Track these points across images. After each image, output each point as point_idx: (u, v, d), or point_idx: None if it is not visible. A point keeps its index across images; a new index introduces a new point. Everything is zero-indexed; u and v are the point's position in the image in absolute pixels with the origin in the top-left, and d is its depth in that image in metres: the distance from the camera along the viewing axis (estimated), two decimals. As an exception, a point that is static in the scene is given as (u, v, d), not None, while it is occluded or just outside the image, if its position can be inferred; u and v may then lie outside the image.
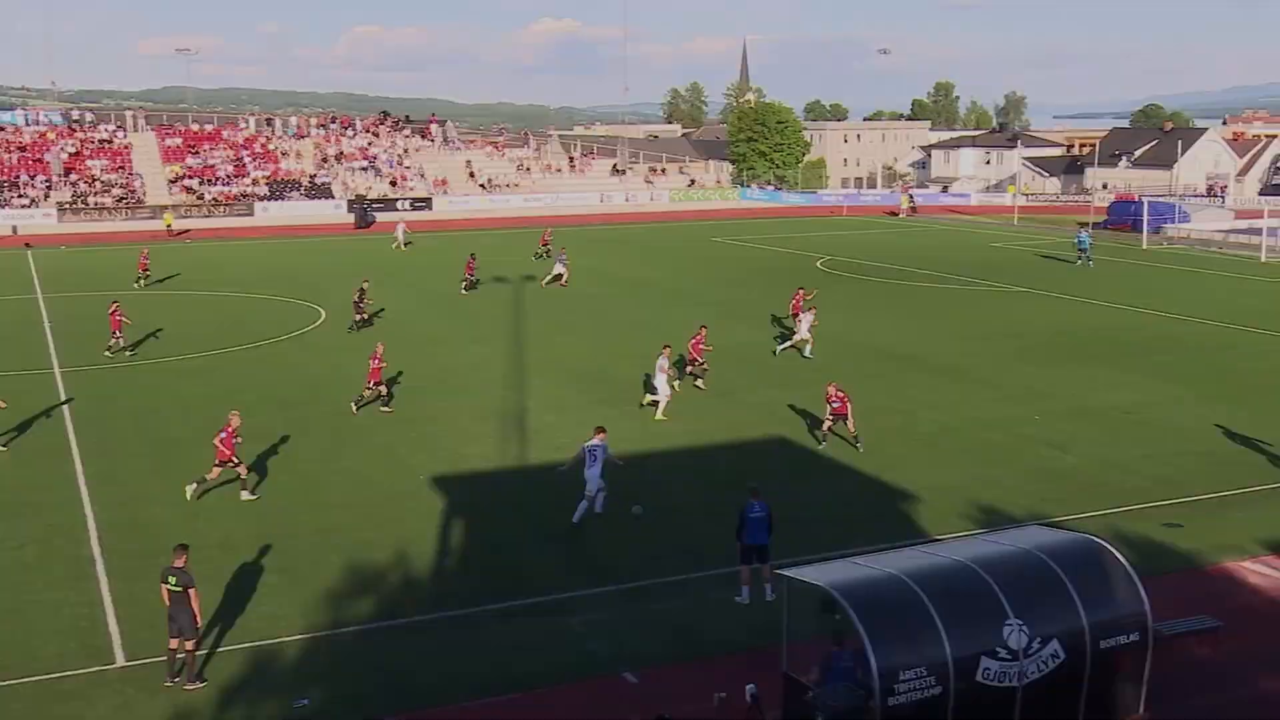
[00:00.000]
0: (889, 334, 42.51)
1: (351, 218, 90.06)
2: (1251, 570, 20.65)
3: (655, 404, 30.93)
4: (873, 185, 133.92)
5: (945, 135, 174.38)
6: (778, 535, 19.92)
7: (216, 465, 24.56)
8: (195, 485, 24.60)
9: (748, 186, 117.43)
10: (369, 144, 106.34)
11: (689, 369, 34.05)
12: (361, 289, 44.15)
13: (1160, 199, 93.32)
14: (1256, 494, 24.72)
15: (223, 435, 24.56)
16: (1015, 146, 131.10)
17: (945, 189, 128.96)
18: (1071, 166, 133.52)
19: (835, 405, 27.65)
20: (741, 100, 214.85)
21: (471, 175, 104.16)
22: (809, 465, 26.83)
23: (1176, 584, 19.84)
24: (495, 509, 23.99)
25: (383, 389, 31.51)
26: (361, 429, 29.83)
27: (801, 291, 42.43)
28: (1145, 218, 77.53)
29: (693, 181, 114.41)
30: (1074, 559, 15.45)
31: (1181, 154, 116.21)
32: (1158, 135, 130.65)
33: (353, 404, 31.26)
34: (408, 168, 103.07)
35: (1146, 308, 48.48)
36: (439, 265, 62.63)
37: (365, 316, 43.57)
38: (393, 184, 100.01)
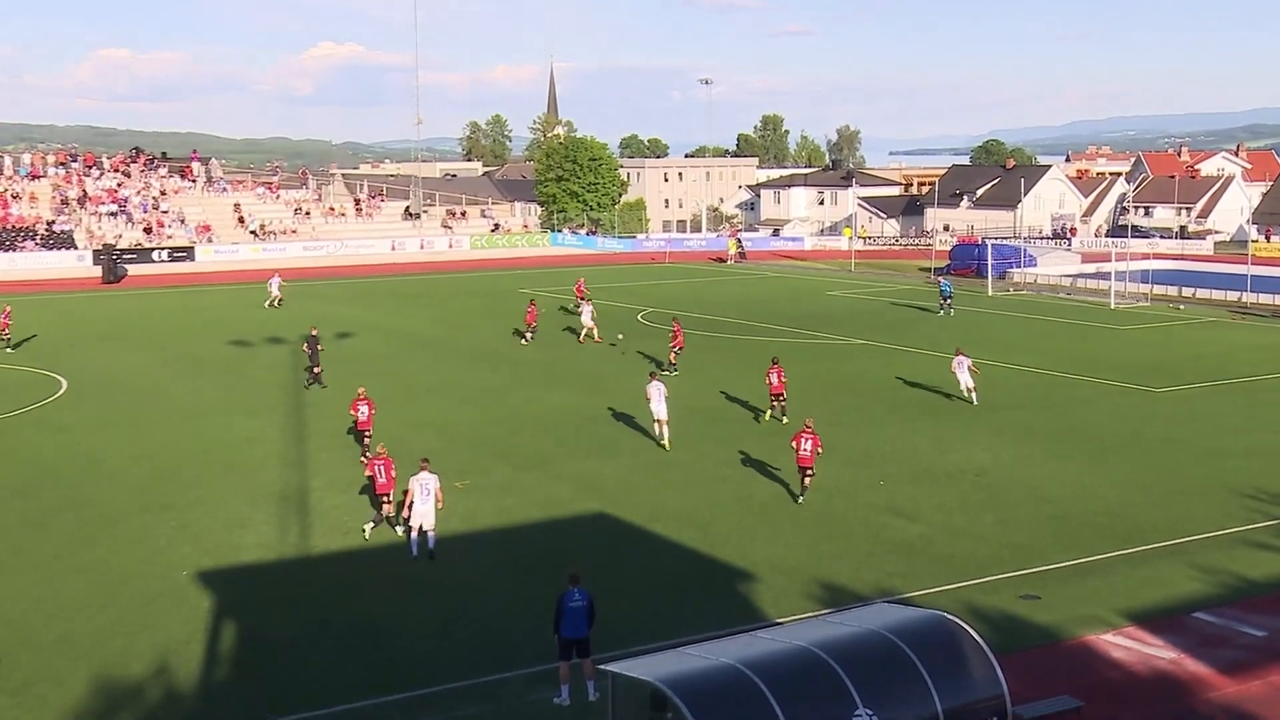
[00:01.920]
0: (716, 394, 43.20)
1: (99, 270, 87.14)
2: (1113, 643, 21.49)
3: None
4: (697, 229, 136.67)
5: (775, 173, 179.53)
6: (600, 625, 19.84)
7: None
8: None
9: (559, 231, 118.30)
10: (118, 185, 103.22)
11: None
12: (311, 337, 44.75)
13: (1005, 241, 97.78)
14: (1114, 560, 25.80)
15: None
16: (850, 185, 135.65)
17: (776, 232, 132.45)
18: (911, 207, 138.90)
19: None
20: (550, 135, 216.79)
21: (241, 221, 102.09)
22: (633, 544, 26.88)
23: (1035, 661, 20.49)
24: (273, 606, 23.27)
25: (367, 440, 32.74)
26: (111, 518, 28.66)
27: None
28: (990, 262, 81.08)
29: (497, 226, 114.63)
30: (926, 639, 15.80)
31: (1025, 193, 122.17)
32: (999, 173, 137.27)
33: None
34: (165, 212, 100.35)
35: (993, 359, 50.44)
36: (201, 324, 61.02)
37: (318, 370, 44.13)
38: (147, 231, 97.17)
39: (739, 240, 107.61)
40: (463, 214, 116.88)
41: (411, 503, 25.72)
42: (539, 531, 27.78)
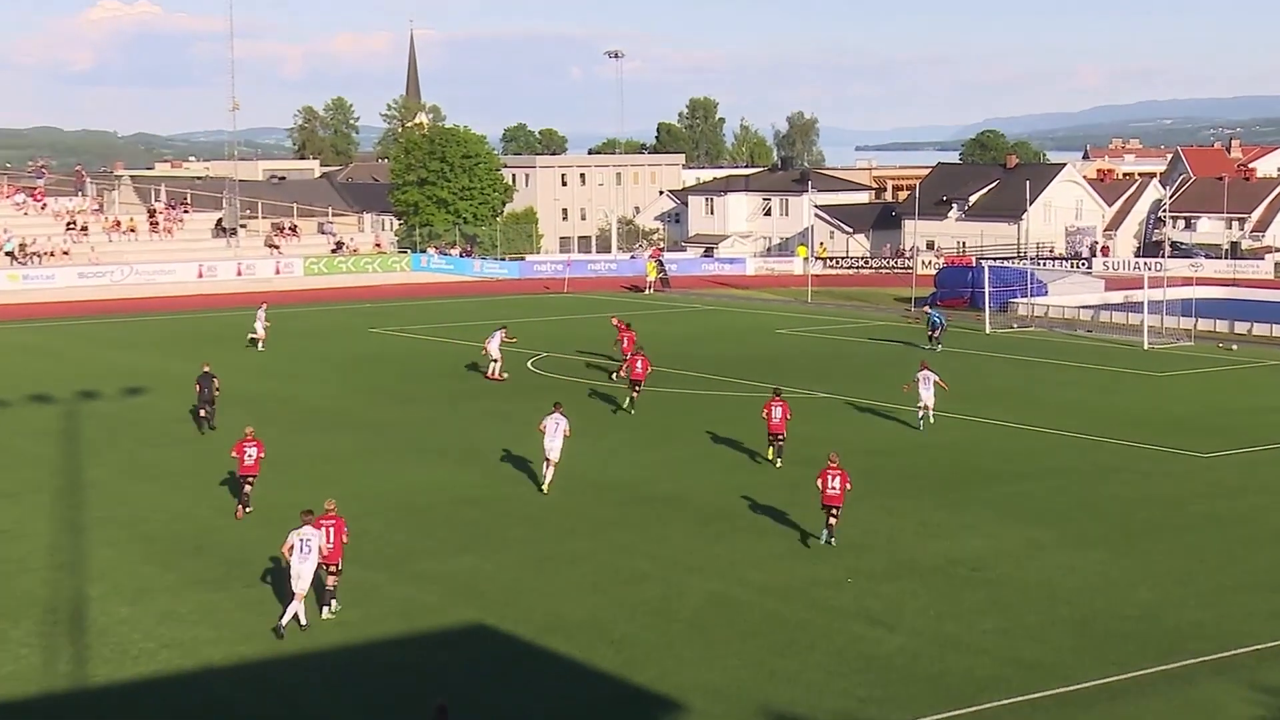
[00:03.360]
0: (632, 464, 43.26)
1: None
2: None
3: None
4: (605, 248, 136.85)
5: (707, 175, 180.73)
6: (478, 774, 19.70)
7: None
8: None
9: (422, 251, 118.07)
10: None
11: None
12: (205, 374, 48.73)
13: (1006, 263, 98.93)
14: (1152, 678, 26.03)
15: None
16: (805, 190, 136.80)
17: (709, 252, 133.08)
18: (884, 218, 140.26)
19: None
20: (410, 124, 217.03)
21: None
22: (521, 665, 26.75)
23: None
24: (36, 758, 22.83)
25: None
26: None
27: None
28: (987, 290, 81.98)
29: (340, 244, 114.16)
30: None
31: (1031, 200, 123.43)
32: (998, 174, 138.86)
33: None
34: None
35: (994, 417, 50.89)
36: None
37: (209, 411, 48.66)
38: None
39: (660, 263, 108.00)
40: (294, 229, 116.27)
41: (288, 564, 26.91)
42: (396, 651, 27.55)
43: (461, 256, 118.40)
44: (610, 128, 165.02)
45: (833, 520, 34.05)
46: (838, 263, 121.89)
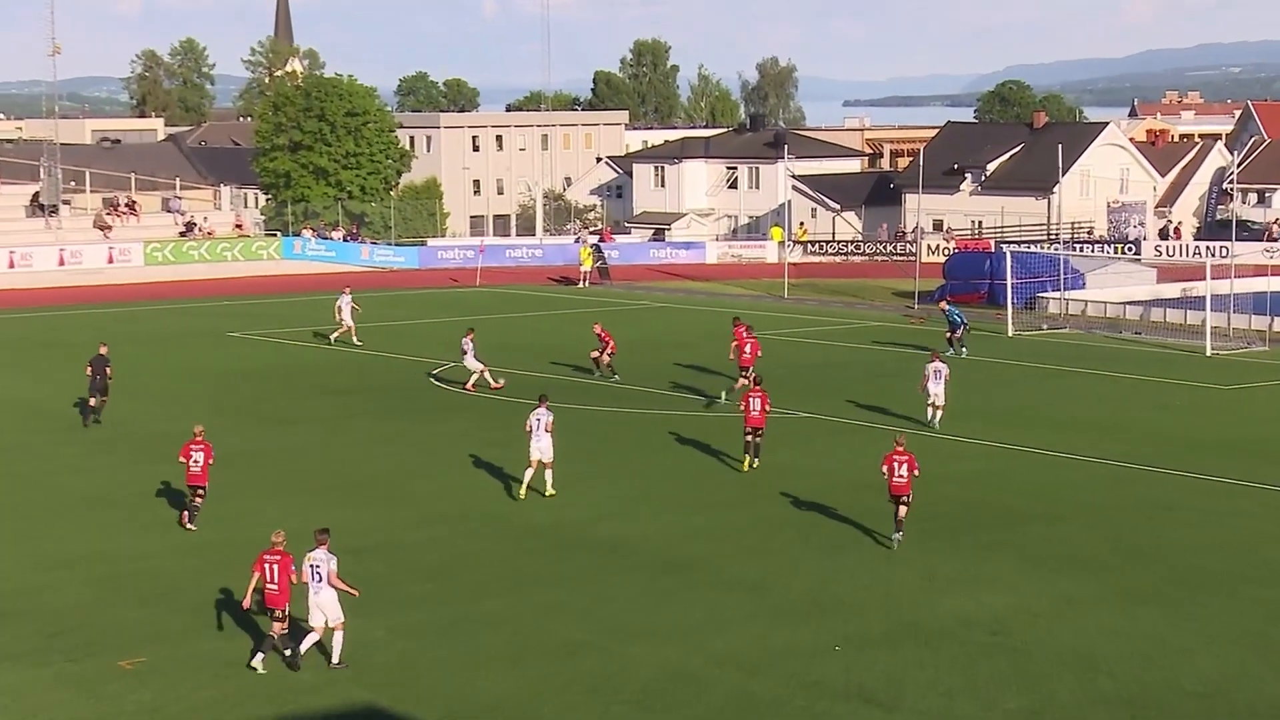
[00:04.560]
0: (563, 504, 43.10)
1: None
2: None
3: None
4: (529, 229, 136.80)
5: (657, 137, 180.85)
6: None
7: None
8: None
9: (296, 235, 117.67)
10: None
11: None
12: (100, 357, 53.46)
13: (1033, 247, 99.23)
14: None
15: None
16: (781, 157, 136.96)
17: (660, 235, 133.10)
18: (880, 191, 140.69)
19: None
20: (279, 74, 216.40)
21: None
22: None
23: None
24: None
25: None
26: None
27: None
28: (1010, 282, 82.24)
29: (191, 226, 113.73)
30: None
31: (1065, 169, 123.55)
32: (1023, 136, 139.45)
33: None
34: None
35: (1017, 441, 51.00)
36: None
37: (101, 402, 53.65)
38: None
39: (598, 249, 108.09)
40: (131, 206, 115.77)
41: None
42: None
43: (346, 241, 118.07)
44: (534, 78, 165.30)
45: (902, 511, 38.32)
46: (822, 248, 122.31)
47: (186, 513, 40.38)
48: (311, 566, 30.17)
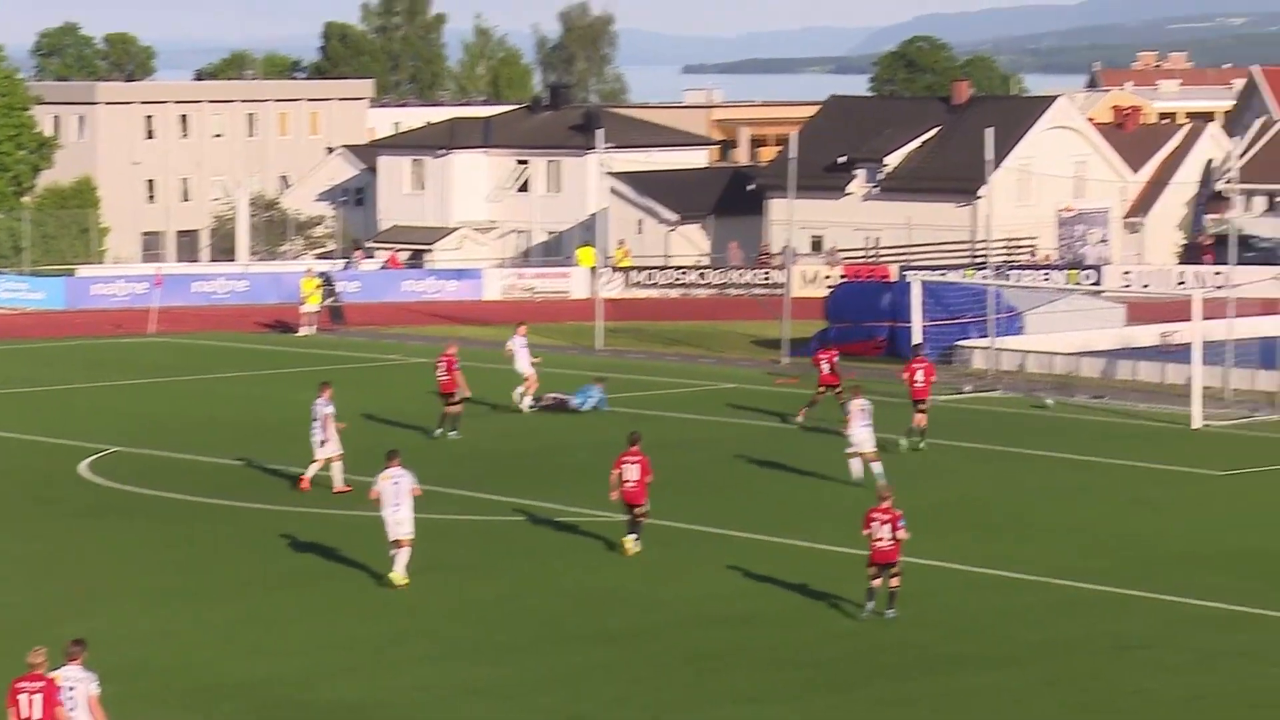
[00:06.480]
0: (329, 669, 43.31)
1: None
2: None
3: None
4: (228, 252, 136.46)
5: (416, 117, 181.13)
6: None
7: None
8: None
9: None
10: None
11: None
12: None
13: (952, 276, 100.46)
14: None
15: None
16: (594, 146, 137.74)
17: (418, 257, 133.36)
18: (733, 194, 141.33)
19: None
20: None
21: None
22: None
23: None
24: None
25: None
26: None
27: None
28: (918, 324, 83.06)
29: None
30: None
31: (998, 160, 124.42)
32: (939, 114, 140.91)
33: None
34: None
35: (933, 554, 51.61)
36: None
37: None
38: None
39: (327, 277, 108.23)
40: None
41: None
42: None
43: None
44: (236, 32, 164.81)
45: (893, 583, 42.81)
46: (651, 277, 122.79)
47: None
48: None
